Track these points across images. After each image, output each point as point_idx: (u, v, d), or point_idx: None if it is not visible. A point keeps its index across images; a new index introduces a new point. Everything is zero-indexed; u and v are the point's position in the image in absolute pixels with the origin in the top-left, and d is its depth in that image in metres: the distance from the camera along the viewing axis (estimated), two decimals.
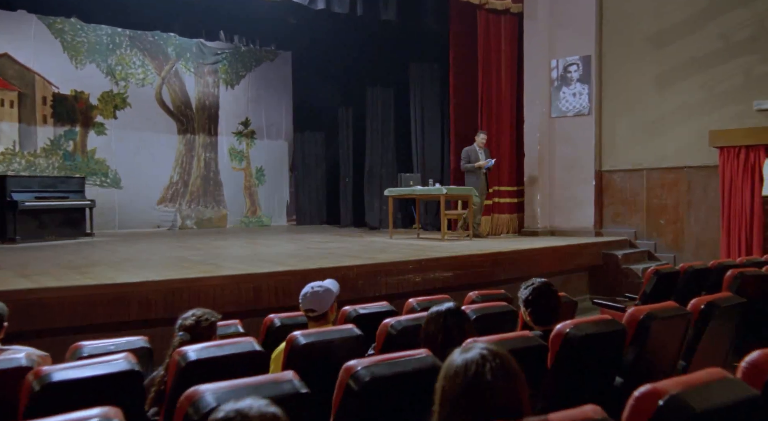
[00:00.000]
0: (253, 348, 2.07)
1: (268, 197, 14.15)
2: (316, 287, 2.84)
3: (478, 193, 8.91)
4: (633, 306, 5.29)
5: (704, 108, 8.22)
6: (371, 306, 3.45)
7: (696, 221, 8.39)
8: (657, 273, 4.86)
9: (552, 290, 2.49)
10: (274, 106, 14.13)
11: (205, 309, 2.47)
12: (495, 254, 6.72)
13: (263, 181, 14.05)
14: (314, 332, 2.45)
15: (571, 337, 2.17)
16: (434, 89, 11.10)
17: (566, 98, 9.22)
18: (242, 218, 13.70)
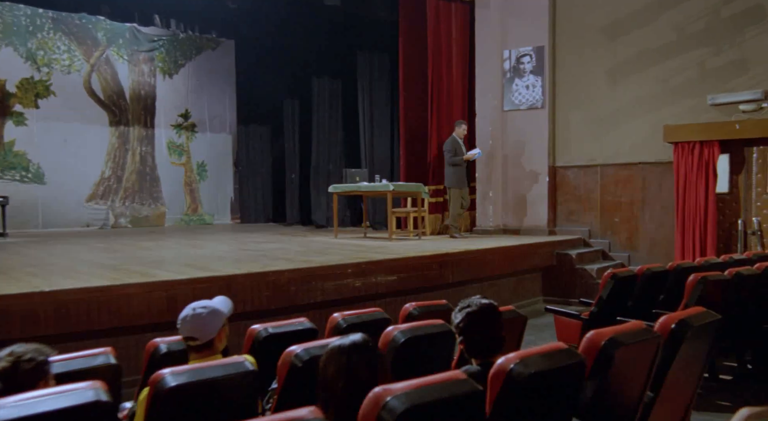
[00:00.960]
0: (81, 401, 1.47)
1: (211, 194, 13.38)
2: (199, 308, 2.26)
3: (466, 187, 8.51)
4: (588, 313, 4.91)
5: (659, 102, 7.96)
6: (287, 324, 2.88)
7: (650, 219, 8.13)
8: (614, 277, 4.47)
9: (493, 314, 1.99)
10: (217, 97, 13.36)
11: (30, 345, 1.85)
12: (443, 256, 6.24)
13: (205, 176, 13.27)
14: (191, 368, 1.88)
15: (515, 376, 1.68)
16: (383, 80, 10.58)
17: (519, 91, 8.84)
18: (182, 215, 12.90)
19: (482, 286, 6.93)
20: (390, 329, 2.44)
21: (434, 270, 6.13)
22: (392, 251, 6.62)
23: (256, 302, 4.85)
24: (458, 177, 8.42)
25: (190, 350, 2.17)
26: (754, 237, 7.42)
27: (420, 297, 6.12)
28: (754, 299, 4.23)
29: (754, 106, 7.28)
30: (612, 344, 1.94)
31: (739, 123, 7.25)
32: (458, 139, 8.51)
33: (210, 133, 13.34)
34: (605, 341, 1.95)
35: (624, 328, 2.05)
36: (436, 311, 3.41)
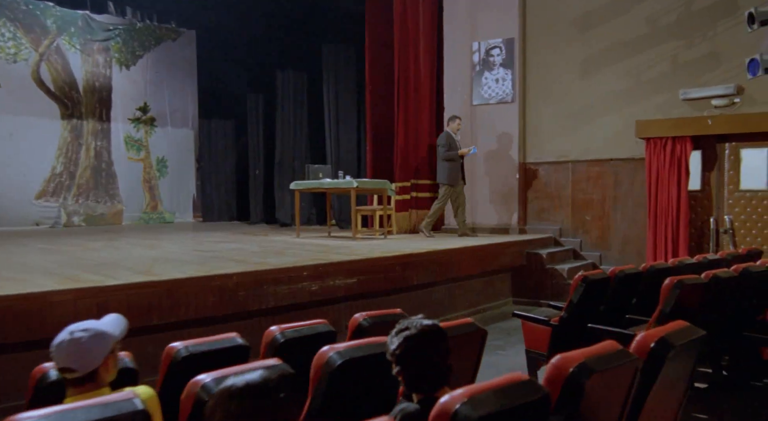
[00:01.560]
0: None
1: (172, 191, 12.82)
2: (78, 331, 1.85)
3: (460, 185, 8.07)
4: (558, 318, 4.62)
5: (631, 96, 7.74)
6: (212, 341, 2.49)
7: (622, 217, 7.91)
8: (585, 280, 4.17)
9: (436, 339, 1.63)
10: (178, 90, 12.80)
11: None
12: (406, 256, 5.90)
13: (165, 173, 12.71)
14: (54, 412, 1.48)
15: (461, 419, 1.32)
16: (350, 74, 10.20)
17: (488, 84, 8.54)
18: (141, 213, 12.33)
19: (449, 287, 6.62)
20: (325, 350, 2.08)
21: (397, 272, 5.78)
22: (354, 251, 6.26)
23: (200, 309, 4.43)
24: (452, 174, 7.95)
25: (68, 383, 1.77)
26: (726, 236, 7.25)
27: (382, 301, 5.78)
28: (731, 304, 3.98)
29: (726, 101, 7.10)
30: (581, 372, 1.60)
31: (712, 119, 7.06)
32: (452, 134, 8.07)
33: (170, 127, 12.78)
34: (573, 368, 1.61)
35: (595, 351, 1.72)
36: (391, 321, 3.05)
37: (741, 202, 7.19)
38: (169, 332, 4.34)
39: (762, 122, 6.77)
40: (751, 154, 7.13)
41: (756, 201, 7.09)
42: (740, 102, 7.05)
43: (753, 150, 7.11)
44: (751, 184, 7.13)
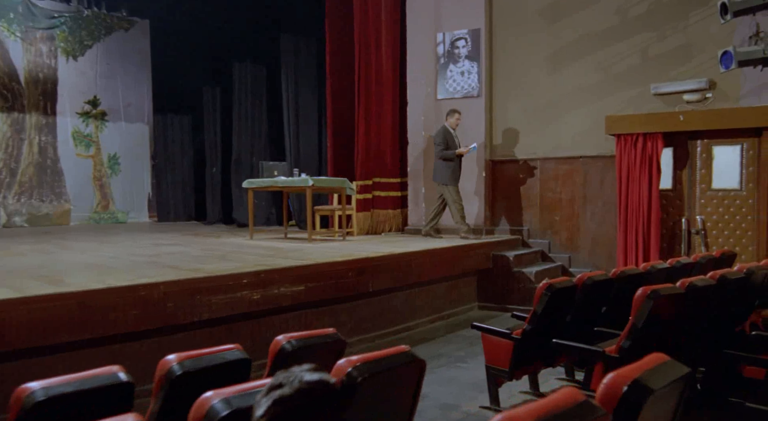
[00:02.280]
0: None
1: (125, 190, 12.15)
2: None
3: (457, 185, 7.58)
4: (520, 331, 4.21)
5: (601, 91, 7.40)
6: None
7: (592, 217, 7.58)
8: (549, 289, 3.77)
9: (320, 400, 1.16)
10: (131, 83, 12.12)
11: None
12: (360, 261, 5.44)
13: (118, 170, 12.04)
14: None
15: None
16: (310, 66, 9.69)
17: (454, 77, 8.13)
18: (91, 213, 11.64)
19: (410, 293, 6.19)
20: (207, 397, 1.60)
21: (350, 278, 5.32)
22: (306, 255, 5.78)
23: (120, 324, 3.91)
24: (451, 172, 7.41)
25: None
26: (697, 237, 6.96)
27: (334, 309, 5.32)
28: (709, 314, 3.62)
29: (699, 96, 6.80)
30: None
31: (683, 114, 6.75)
32: (450, 130, 7.53)
33: (123, 122, 12.10)
34: None
35: (549, 407, 1.28)
36: (319, 345, 2.60)
37: (713, 202, 6.91)
38: (83, 350, 3.83)
39: (734, 118, 6.49)
40: (723, 152, 6.85)
41: (728, 201, 6.82)
42: (712, 97, 6.77)
43: (725, 147, 6.83)
44: (723, 184, 6.85)
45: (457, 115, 7.55)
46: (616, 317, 3.97)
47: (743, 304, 3.84)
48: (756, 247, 6.56)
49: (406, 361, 1.98)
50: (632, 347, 3.25)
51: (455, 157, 7.43)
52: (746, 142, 6.71)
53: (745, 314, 3.84)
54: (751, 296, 3.94)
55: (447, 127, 7.55)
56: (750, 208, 6.66)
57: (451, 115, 7.57)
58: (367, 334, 5.66)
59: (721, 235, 6.86)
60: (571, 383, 4.52)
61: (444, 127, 7.55)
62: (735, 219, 6.77)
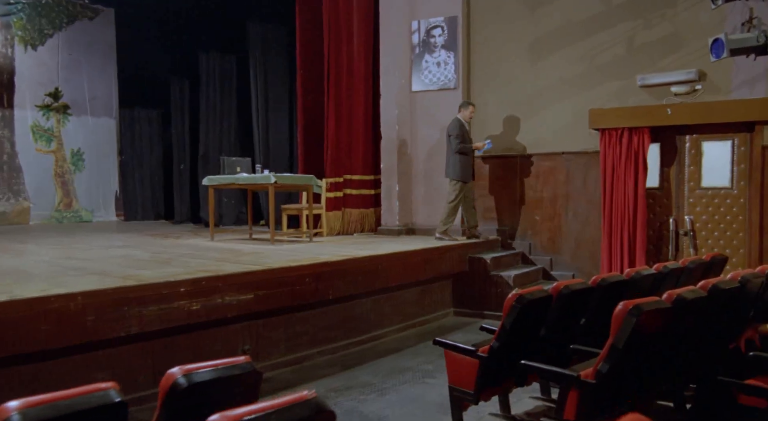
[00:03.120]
0: None
1: (90, 187, 11.56)
2: None
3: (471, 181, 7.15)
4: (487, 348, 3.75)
5: (584, 82, 6.96)
6: None
7: (575, 217, 7.14)
8: (520, 300, 3.31)
9: None
10: (97, 75, 11.54)
11: None
12: (320, 265, 4.95)
13: (82, 167, 11.45)
14: None
15: None
16: (281, 57, 9.18)
17: (429, 68, 7.65)
18: (53, 212, 11.05)
19: (377, 300, 5.71)
20: None
21: (308, 284, 4.83)
22: (262, 258, 5.28)
23: (29, 342, 3.40)
24: (464, 168, 6.93)
25: None
26: (686, 238, 6.54)
27: (289, 319, 4.84)
28: (699, 331, 3.17)
29: (687, 88, 6.38)
30: None
31: (671, 108, 6.32)
32: (465, 123, 7.07)
33: (89, 116, 11.51)
34: None
35: None
36: (225, 379, 2.11)
37: (702, 201, 6.49)
38: None
39: (726, 111, 6.07)
40: (713, 148, 6.43)
41: (718, 200, 6.40)
42: (702, 89, 6.34)
43: (716, 143, 6.41)
44: (713, 182, 6.44)
45: (471, 108, 7.09)
46: (596, 331, 3.51)
47: (737, 318, 3.40)
48: (748, 249, 6.15)
49: (308, 414, 1.49)
50: (611, 372, 2.79)
51: (471, 152, 6.99)
52: (737, 137, 6.29)
53: (740, 328, 3.40)
54: (745, 308, 3.51)
55: (461, 120, 7.05)
56: (741, 208, 6.26)
57: (465, 107, 7.08)
58: (328, 345, 5.19)
59: (710, 236, 6.45)
60: (546, 402, 4.07)
61: (458, 120, 7.03)
62: (725, 219, 6.36)
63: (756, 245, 6.02)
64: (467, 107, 7.08)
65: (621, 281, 3.93)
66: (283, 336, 4.84)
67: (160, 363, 4.01)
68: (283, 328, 4.83)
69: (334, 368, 4.91)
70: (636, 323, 2.73)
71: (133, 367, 3.90)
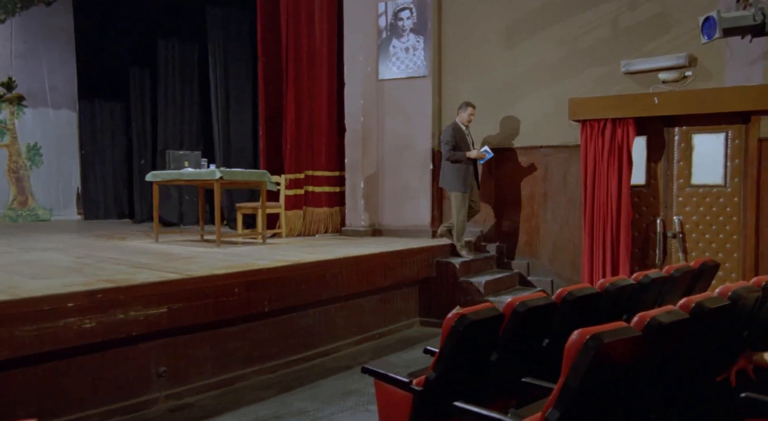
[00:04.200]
0: None
1: (48, 184, 10.91)
2: None
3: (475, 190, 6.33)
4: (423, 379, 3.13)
5: (564, 69, 6.34)
6: None
7: (554, 217, 6.52)
8: (461, 322, 2.72)
9: None
10: (56, 65, 10.86)
11: None
12: (252, 273, 4.31)
13: (39, 162, 10.80)
14: None
15: None
16: (243, 43, 8.53)
17: (397, 54, 7.02)
18: (6, 210, 10.39)
19: (327, 310, 5.09)
20: None
21: (236, 295, 4.20)
22: (192, 264, 4.65)
23: None
24: (459, 177, 6.16)
25: None
26: (674, 241, 5.93)
27: (217, 336, 4.21)
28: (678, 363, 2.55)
29: (676, 75, 5.75)
30: None
31: (658, 96, 5.70)
32: (462, 127, 6.28)
33: (47, 108, 10.85)
34: None
35: None
36: None
37: (693, 200, 5.87)
38: None
39: (718, 100, 5.45)
40: (705, 141, 5.82)
41: (710, 199, 5.79)
42: (693, 76, 5.72)
43: (707, 135, 5.80)
44: (704, 178, 5.82)
45: (470, 110, 6.28)
46: (554, 360, 2.90)
47: (727, 344, 2.78)
48: (742, 253, 5.54)
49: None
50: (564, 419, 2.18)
51: (465, 160, 6.17)
52: (731, 129, 5.68)
53: (730, 357, 2.78)
54: (737, 331, 2.89)
55: (458, 123, 6.28)
56: (735, 208, 5.64)
57: (463, 108, 6.28)
58: (266, 363, 4.56)
59: (701, 239, 5.83)
60: None
61: (454, 124, 6.27)
62: (718, 220, 5.74)
63: (751, 250, 5.41)
64: (465, 109, 6.28)
65: (592, 294, 3.31)
66: (210, 355, 4.21)
67: (48, 394, 3.39)
68: (210, 345, 4.21)
69: (269, 391, 4.29)
70: (595, 357, 2.10)
71: (9, 398, 3.27)
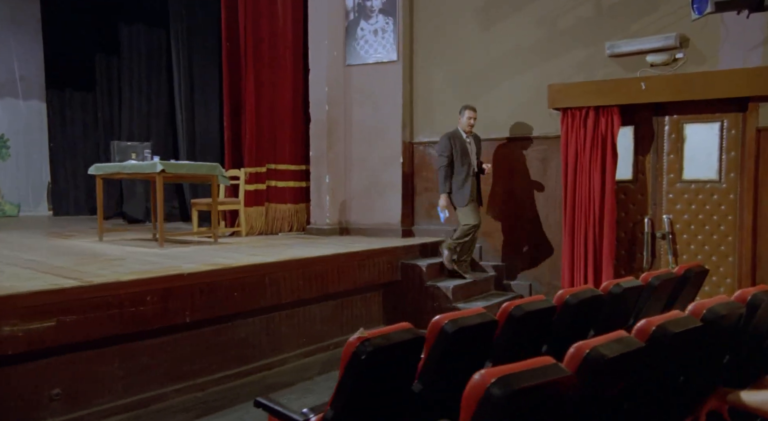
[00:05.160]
0: None
1: (16, 178, 10.45)
2: None
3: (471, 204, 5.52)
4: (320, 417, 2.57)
5: (544, 52, 5.76)
6: None
7: (532, 215, 5.95)
8: (363, 349, 2.20)
9: None
10: (23, 53, 10.38)
11: None
12: (168, 279, 3.78)
13: (6, 155, 10.34)
14: None
15: None
16: (209, 27, 7.98)
17: (365, 37, 6.47)
18: None
19: (268, 319, 4.56)
20: None
21: (150, 304, 3.67)
22: (115, 267, 4.13)
23: None
24: (457, 190, 5.45)
25: None
26: (663, 242, 5.35)
27: (131, 349, 3.69)
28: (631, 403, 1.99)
29: (666, 57, 5.16)
30: None
31: (646, 81, 5.11)
32: (461, 134, 5.49)
33: (15, 99, 10.38)
34: None
35: None
36: None
37: (684, 197, 5.29)
38: None
39: (712, 85, 4.86)
40: (697, 131, 5.23)
41: (703, 195, 5.20)
42: (684, 58, 5.12)
43: (700, 125, 5.21)
44: (697, 173, 5.25)
45: (468, 113, 5.47)
46: None
47: (697, 378, 2.22)
48: (738, 257, 4.95)
49: None
50: None
51: (461, 170, 5.40)
52: (727, 118, 5.09)
53: (700, 395, 2.21)
54: (711, 361, 2.33)
55: (458, 130, 5.54)
56: (730, 205, 5.05)
57: (462, 113, 5.51)
58: (192, 380, 4.03)
59: (693, 240, 5.24)
60: None
61: (452, 132, 5.53)
62: (711, 220, 5.15)
63: (748, 252, 4.82)
64: (464, 113, 5.50)
65: (542, 309, 2.77)
66: (120, 372, 3.69)
67: None
68: (120, 361, 3.68)
69: (188, 414, 3.77)
70: (500, 407, 1.55)
71: None
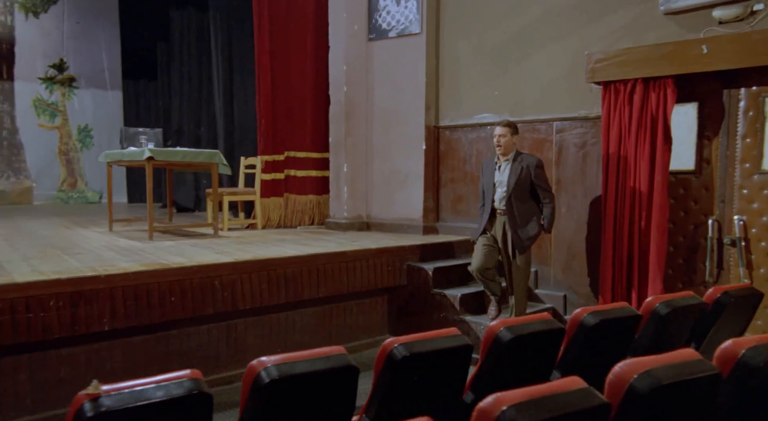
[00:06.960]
0: None
1: (98, 166, 10.93)
2: None
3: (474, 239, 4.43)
4: None
5: (582, 15, 4.68)
6: None
7: (569, 212, 4.93)
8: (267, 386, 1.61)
9: None
10: (104, 45, 10.83)
11: None
12: (79, 281, 3.40)
13: (90, 144, 10.87)
14: None
15: None
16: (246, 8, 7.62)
17: (388, 7, 5.73)
18: (56, 192, 10.58)
19: (228, 327, 4.08)
20: None
21: (56, 310, 3.31)
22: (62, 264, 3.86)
23: None
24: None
25: None
26: (733, 249, 4.13)
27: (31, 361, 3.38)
28: None
29: (740, 11, 3.91)
30: None
31: (709, 43, 3.91)
32: (496, 156, 4.25)
33: (98, 89, 10.87)
34: None
35: None
36: None
37: (763, 194, 4.03)
38: None
39: None
40: None
41: None
42: (765, 10, 3.85)
43: None
44: None
45: (500, 129, 4.15)
46: None
47: None
48: None
49: None
50: None
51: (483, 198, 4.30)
52: None
53: None
54: None
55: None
56: None
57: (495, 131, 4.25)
58: None
59: None
60: None
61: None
62: None
63: None
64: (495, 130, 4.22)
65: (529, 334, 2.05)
66: (21, 383, 3.35)
67: None
68: (29, 374, 3.36)
69: None
70: None
71: None
